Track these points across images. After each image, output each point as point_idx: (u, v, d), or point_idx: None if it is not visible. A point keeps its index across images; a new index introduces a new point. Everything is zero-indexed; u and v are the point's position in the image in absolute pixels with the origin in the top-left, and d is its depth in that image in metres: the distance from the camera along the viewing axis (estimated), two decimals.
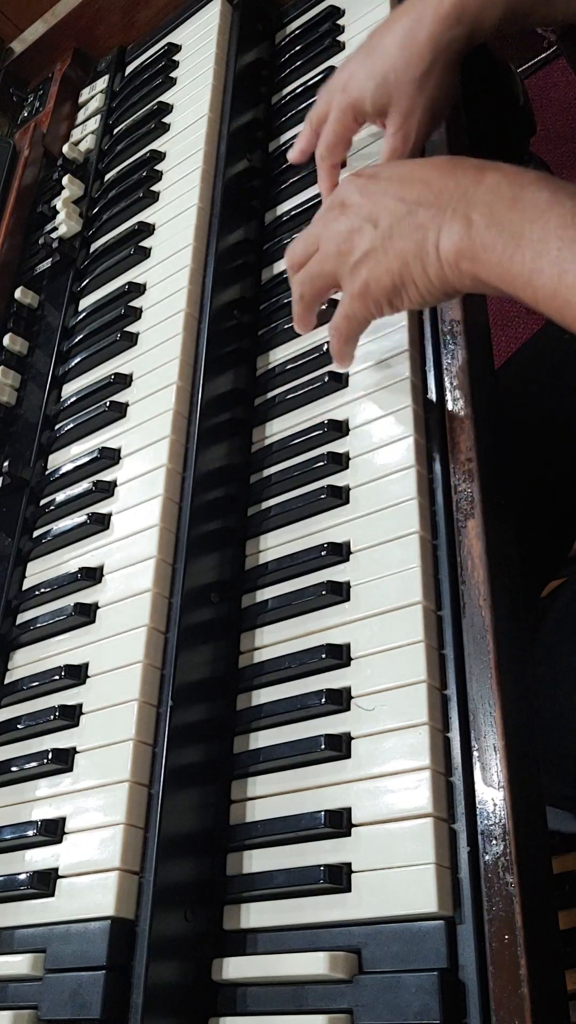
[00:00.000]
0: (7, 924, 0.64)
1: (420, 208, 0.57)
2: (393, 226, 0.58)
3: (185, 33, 1.06)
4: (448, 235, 0.55)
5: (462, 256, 0.55)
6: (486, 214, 0.54)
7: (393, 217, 0.58)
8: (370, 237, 0.60)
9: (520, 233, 0.52)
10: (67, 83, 1.18)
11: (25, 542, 0.84)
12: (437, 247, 0.56)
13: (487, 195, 0.54)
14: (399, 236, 0.58)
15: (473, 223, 0.54)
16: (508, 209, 0.53)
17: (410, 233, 0.57)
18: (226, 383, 0.79)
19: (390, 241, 0.58)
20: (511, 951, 0.48)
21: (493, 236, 0.53)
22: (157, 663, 0.66)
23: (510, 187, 0.54)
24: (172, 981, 0.57)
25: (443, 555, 0.61)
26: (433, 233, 0.56)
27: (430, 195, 0.57)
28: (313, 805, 0.58)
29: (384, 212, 0.59)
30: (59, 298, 0.98)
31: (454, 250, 0.55)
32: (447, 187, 0.56)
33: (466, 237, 0.54)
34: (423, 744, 0.55)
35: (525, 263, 0.51)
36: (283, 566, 0.68)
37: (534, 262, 0.51)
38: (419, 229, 0.57)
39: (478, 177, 0.55)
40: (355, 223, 0.61)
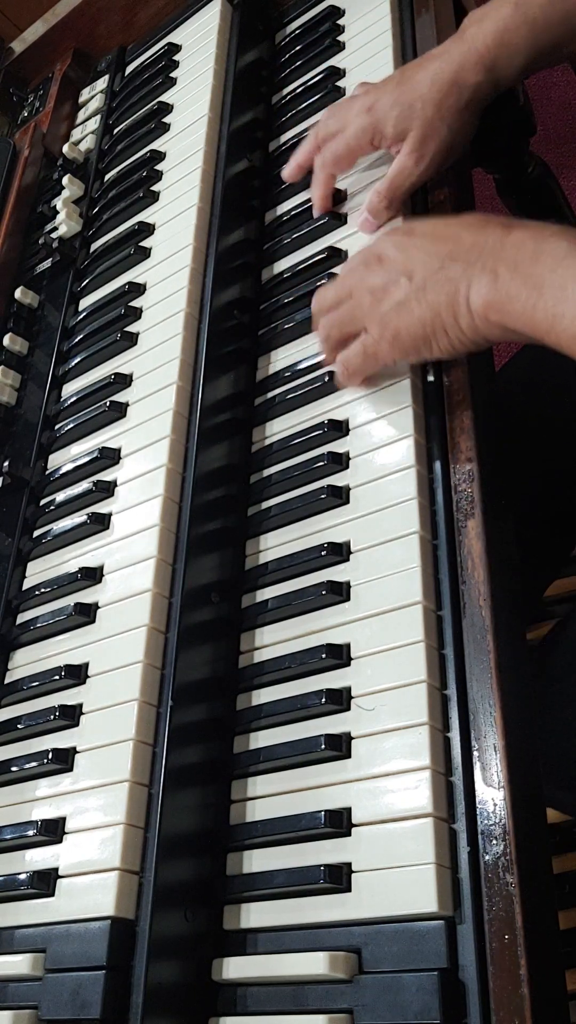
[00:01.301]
0: (7, 924, 0.64)
1: (452, 263, 0.61)
2: (427, 279, 0.62)
3: (185, 33, 1.06)
4: (477, 288, 0.59)
5: (490, 308, 0.58)
6: (511, 267, 0.57)
7: (427, 271, 0.62)
8: (405, 289, 0.63)
9: (542, 283, 0.55)
10: (67, 83, 1.18)
11: (25, 542, 0.84)
12: (468, 299, 0.59)
13: (512, 250, 0.58)
14: (432, 289, 0.61)
15: (499, 276, 0.58)
16: (531, 261, 0.56)
17: (442, 286, 0.61)
18: (226, 383, 0.79)
19: (423, 293, 0.62)
20: (511, 951, 0.48)
21: (518, 287, 0.56)
22: (157, 663, 0.66)
23: (533, 241, 0.57)
24: (172, 981, 0.57)
25: (443, 555, 0.61)
26: (464, 286, 0.60)
27: (461, 251, 0.61)
28: (313, 805, 0.58)
29: (419, 266, 0.63)
30: (59, 298, 0.98)
31: (483, 302, 0.59)
32: (476, 243, 0.60)
33: (493, 290, 0.58)
34: (423, 744, 0.55)
35: (548, 309, 0.55)
36: (283, 566, 0.68)
37: (555, 307, 0.54)
38: (451, 282, 0.60)
39: (504, 234, 0.59)
40: (392, 276, 0.64)
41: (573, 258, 0.55)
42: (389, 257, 0.65)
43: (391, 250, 0.65)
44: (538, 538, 0.89)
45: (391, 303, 0.64)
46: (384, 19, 0.89)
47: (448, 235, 0.62)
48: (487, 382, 0.68)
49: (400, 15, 0.89)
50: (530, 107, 0.92)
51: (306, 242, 0.84)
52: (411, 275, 0.63)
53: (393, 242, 0.66)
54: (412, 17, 0.88)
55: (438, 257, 0.61)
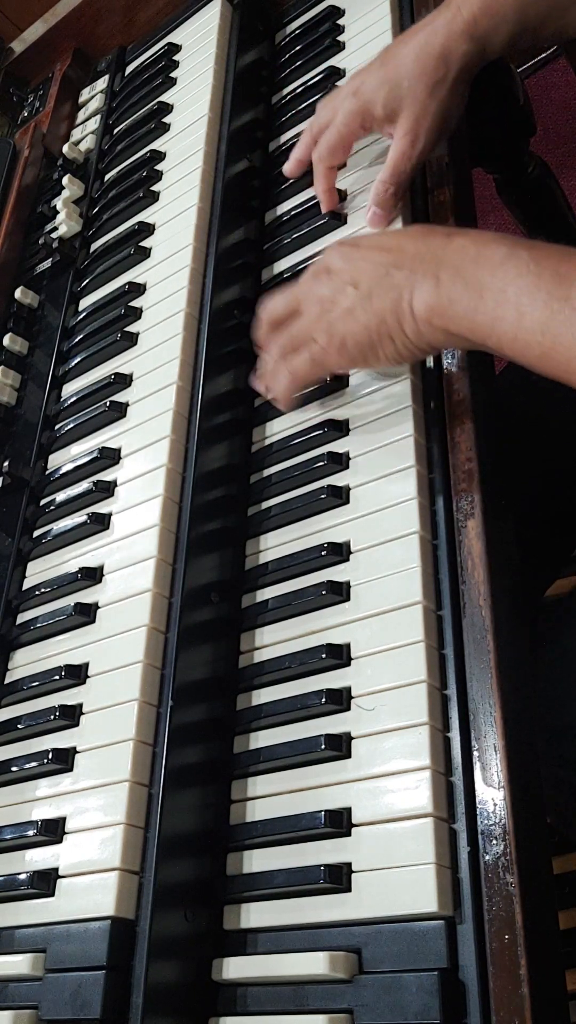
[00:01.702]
0: (7, 924, 0.64)
1: (396, 270, 0.62)
2: (372, 287, 0.63)
3: (185, 33, 1.06)
4: (420, 293, 0.60)
5: (433, 312, 0.60)
6: (452, 272, 0.59)
7: (372, 279, 0.63)
8: (351, 297, 0.64)
9: (482, 285, 0.56)
10: (67, 83, 1.18)
11: (25, 542, 0.84)
12: (411, 305, 0.61)
13: (454, 255, 0.59)
14: (377, 296, 0.62)
15: (441, 281, 0.59)
16: (472, 265, 0.58)
17: (387, 293, 0.62)
18: (226, 383, 0.79)
19: (369, 301, 0.63)
20: (511, 951, 0.48)
21: (459, 290, 0.58)
22: (157, 663, 0.66)
23: (474, 247, 0.58)
24: (172, 981, 0.57)
25: (443, 555, 0.61)
26: (407, 292, 0.61)
27: (405, 259, 0.62)
28: (313, 805, 0.58)
29: (364, 275, 0.64)
30: (59, 298, 0.98)
31: (425, 307, 0.60)
32: (419, 251, 0.62)
33: (435, 294, 0.59)
34: (423, 744, 0.55)
35: (488, 311, 0.56)
36: (283, 566, 0.68)
37: (495, 310, 0.56)
38: (395, 289, 0.62)
39: (446, 241, 0.60)
40: (338, 285, 0.65)
41: (512, 262, 0.56)
42: (336, 268, 0.66)
43: (338, 262, 0.66)
44: (538, 538, 0.89)
45: (338, 311, 0.65)
46: (384, 19, 0.89)
47: (392, 245, 0.64)
48: (487, 382, 0.68)
49: (400, 15, 0.89)
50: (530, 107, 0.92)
51: (306, 242, 0.84)
52: (357, 284, 0.64)
53: (340, 254, 0.67)
54: (412, 17, 0.88)
55: (383, 266, 0.63)
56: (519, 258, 0.56)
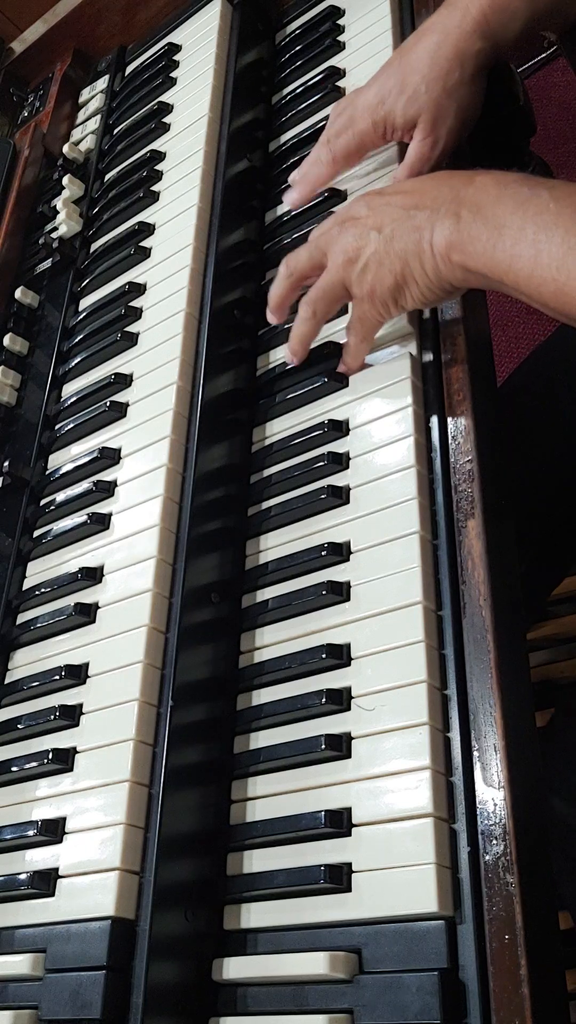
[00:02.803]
0: (7, 924, 0.64)
1: (417, 211, 0.63)
2: (395, 230, 0.64)
3: (185, 33, 1.06)
4: (440, 231, 0.61)
5: (452, 248, 0.60)
6: (473, 210, 0.59)
7: (395, 223, 0.64)
8: (375, 242, 0.65)
9: (502, 223, 0.57)
10: (67, 83, 1.18)
11: (25, 542, 0.84)
12: (431, 243, 0.61)
13: (475, 194, 0.60)
14: (399, 238, 0.63)
15: (462, 218, 0.60)
16: (493, 204, 0.58)
17: (409, 234, 0.63)
18: (226, 383, 0.79)
19: (391, 244, 0.64)
20: (511, 951, 0.48)
21: (479, 227, 0.58)
22: (157, 663, 0.66)
23: (495, 186, 0.59)
24: (172, 981, 0.57)
25: (443, 555, 0.61)
26: (428, 232, 0.61)
27: (426, 199, 0.63)
28: (313, 805, 0.58)
29: (387, 220, 0.64)
30: (59, 298, 0.98)
31: (445, 243, 0.60)
32: (441, 191, 0.62)
33: (455, 231, 0.60)
34: (423, 744, 0.55)
35: (506, 249, 0.57)
36: (283, 566, 0.68)
37: (514, 247, 0.56)
38: (416, 230, 0.62)
39: (468, 180, 0.61)
40: (362, 232, 0.66)
41: (533, 202, 0.56)
42: (360, 215, 0.66)
43: (362, 209, 0.67)
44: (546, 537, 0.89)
45: (365, 258, 0.65)
46: (384, 19, 0.89)
47: (414, 188, 0.64)
48: (488, 382, 0.68)
49: (400, 15, 0.89)
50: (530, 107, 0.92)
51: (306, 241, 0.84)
52: (380, 228, 0.64)
53: (364, 201, 0.67)
54: (412, 17, 0.88)
55: (405, 208, 0.63)
56: (539, 197, 0.56)
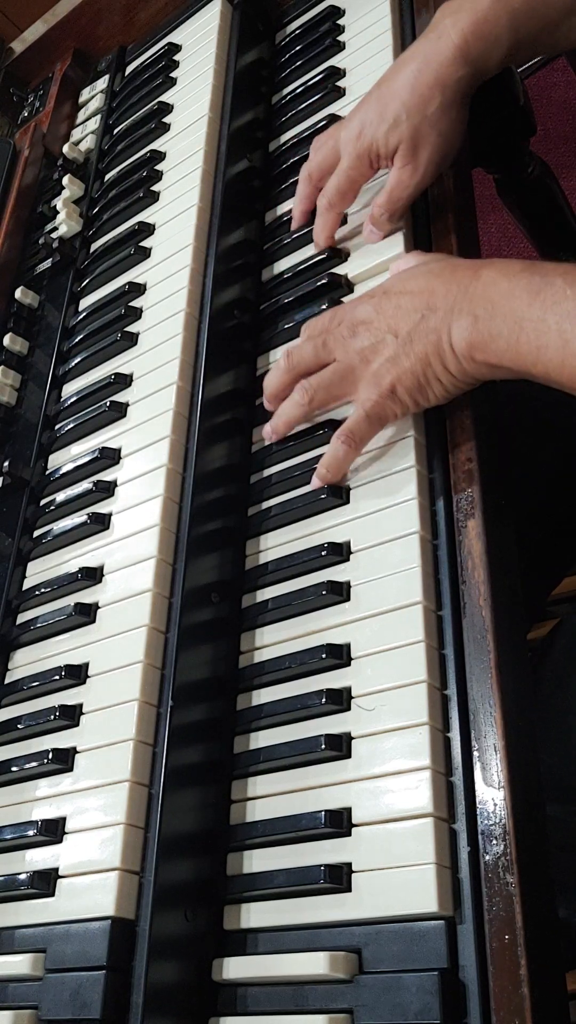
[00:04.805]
0: (7, 924, 0.64)
1: (431, 313, 0.62)
2: (412, 333, 0.63)
3: (185, 33, 1.06)
4: (458, 332, 0.60)
5: (474, 348, 0.60)
6: (488, 308, 0.59)
7: (410, 326, 0.63)
8: (393, 345, 0.64)
9: (521, 317, 0.57)
10: (67, 83, 1.18)
11: (25, 542, 0.84)
12: (451, 344, 0.61)
13: (486, 290, 0.59)
14: (417, 340, 0.63)
15: (478, 318, 0.59)
16: (506, 300, 0.58)
17: (426, 335, 0.62)
18: (226, 383, 0.79)
19: (410, 346, 0.63)
20: (511, 951, 0.48)
21: (498, 325, 0.58)
22: (157, 663, 0.66)
23: (505, 279, 0.59)
24: (172, 981, 0.57)
25: (443, 555, 0.61)
26: (445, 333, 0.61)
27: (437, 300, 0.62)
28: (313, 805, 0.58)
29: (402, 323, 0.64)
30: (59, 298, 0.98)
31: (466, 344, 0.60)
32: (450, 290, 0.62)
33: (474, 331, 0.59)
34: (423, 744, 0.55)
35: (531, 342, 0.56)
36: (283, 566, 0.68)
37: (538, 339, 0.56)
38: (433, 331, 0.62)
39: (474, 277, 0.61)
40: (378, 336, 0.65)
41: (548, 291, 0.56)
42: (370, 320, 0.66)
43: (371, 312, 0.66)
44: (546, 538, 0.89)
45: (381, 360, 0.64)
46: (384, 19, 0.89)
47: (422, 288, 0.63)
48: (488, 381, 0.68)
49: (400, 15, 0.89)
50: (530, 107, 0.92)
51: (306, 242, 0.84)
52: (396, 332, 0.64)
53: (371, 304, 0.66)
54: (412, 17, 0.88)
55: (416, 311, 0.63)
56: (553, 285, 0.56)
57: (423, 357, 0.62)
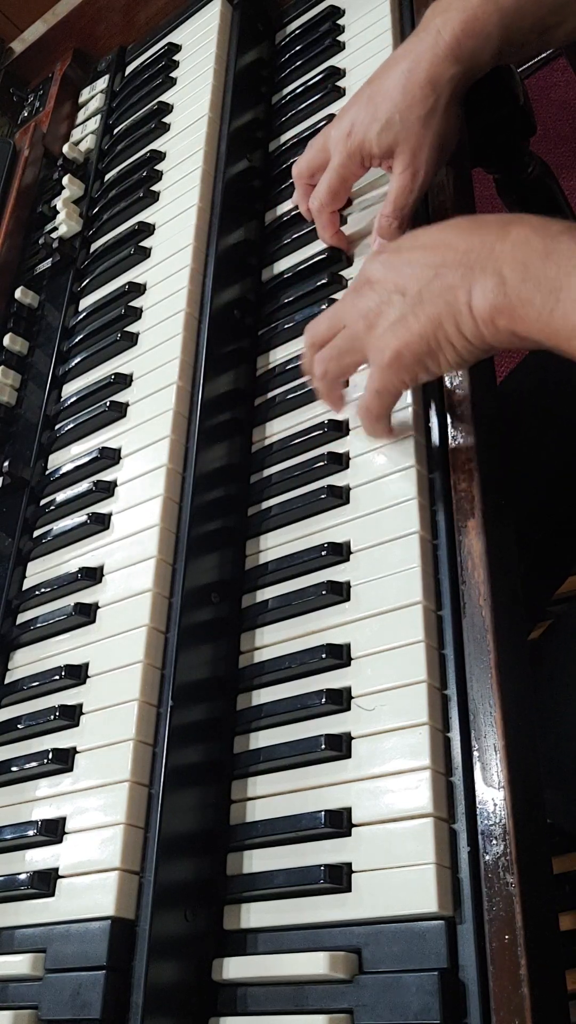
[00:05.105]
0: (7, 924, 0.64)
1: (447, 269, 0.56)
2: (422, 291, 0.57)
3: (185, 33, 1.06)
4: (481, 293, 0.54)
5: (498, 313, 0.54)
6: (519, 268, 0.52)
7: (421, 283, 0.57)
8: (399, 306, 0.58)
9: (559, 286, 0.51)
10: (67, 83, 1.18)
11: (25, 542, 0.84)
12: (470, 306, 0.55)
13: (517, 249, 0.53)
14: (429, 300, 0.57)
15: (506, 279, 0.53)
16: (542, 262, 0.52)
17: (440, 295, 0.56)
18: (226, 383, 0.79)
19: (420, 306, 0.57)
20: (511, 951, 0.48)
21: (530, 290, 0.52)
22: (157, 663, 0.66)
23: (540, 239, 0.52)
24: (172, 981, 0.57)
25: (443, 555, 0.61)
26: (464, 292, 0.55)
27: (456, 256, 0.56)
28: (313, 805, 0.58)
29: (411, 280, 0.58)
30: (59, 298, 0.98)
31: (488, 307, 0.54)
32: (472, 246, 0.55)
33: (500, 293, 0.53)
34: (423, 744, 0.55)
35: (568, 316, 0.50)
36: (283, 566, 0.68)
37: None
38: (449, 290, 0.56)
39: (503, 232, 0.54)
40: (383, 296, 0.60)
41: None
42: (377, 278, 0.61)
43: (379, 270, 0.61)
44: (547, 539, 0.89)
45: (386, 323, 0.59)
46: (384, 19, 0.89)
47: (439, 243, 0.58)
48: (488, 381, 0.68)
49: (400, 15, 0.89)
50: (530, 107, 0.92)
51: (306, 242, 0.84)
52: (404, 290, 0.58)
53: (381, 261, 0.61)
54: (412, 17, 0.88)
55: (431, 267, 0.57)
56: None
57: (434, 318, 0.56)
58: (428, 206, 0.77)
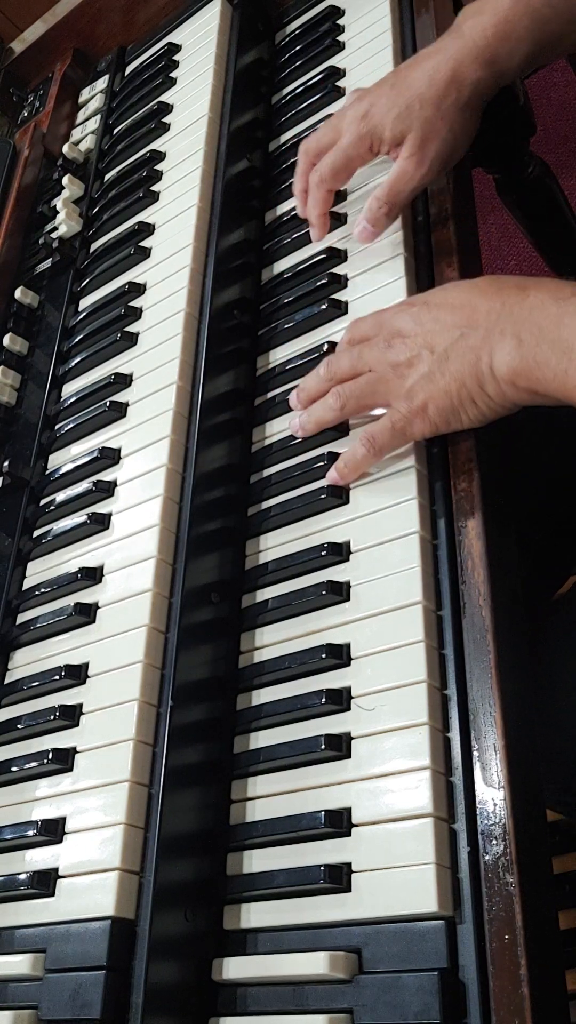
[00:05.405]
0: (7, 924, 0.64)
1: (471, 331, 0.60)
2: (448, 350, 0.61)
3: (185, 33, 1.06)
4: (501, 355, 0.58)
5: (517, 375, 0.57)
6: (535, 332, 0.56)
7: (448, 341, 0.61)
8: (428, 361, 0.62)
9: (571, 347, 0.54)
10: (67, 83, 1.18)
11: (25, 542, 0.84)
12: (491, 367, 0.58)
13: (533, 313, 0.57)
14: (454, 359, 0.60)
15: (524, 342, 0.57)
16: (555, 326, 0.55)
17: (464, 355, 0.60)
18: (226, 383, 0.79)
19: (447, 364, 0.61)
20: (511, 951, 0.48)
21: (546, 352, 0.55)
22: (157, 663, 0.66)
23: (555, 303, 0.56)
24: (172, 981, 0.57)
25: (443, 555, 0.61)
26: (486, 354, 0.59)
27: (479, 318, 0.60)
28: (313, 805, 0.58)
29: (439, 338, 0.62)
30: (59, 298, 0.98)
31: (508, 369, 0.57)
32: (493, 308, 0.59)
33: (518, 356, 0.57)
34: (423, 744, 0.55)
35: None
36: (283, 566, 0.68)
37: None
38: (472, 351, 0.59)
39: (521, 297, 0.58)
40: (414, 350, 0.63)
41: None
42: (408, 331, 0.64)
43: (409, 324, 0.64)
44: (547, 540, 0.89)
45: (416, 376, 0.62)
46: (384, 19, 0.89)
47: (464, 303, 0.61)
48: None
49: (400, 15, 0.89)
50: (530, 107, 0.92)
51: (306, 242, 0.84)
52: (432, 348, 0.62)
53: (410, 316, 0.64)
54: (412, 17, 0.88)
55: (457, 327, 0.61)
56: None
57: (459, 377, 0.60)
58: (428, 207, 0.77)
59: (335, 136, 0.76)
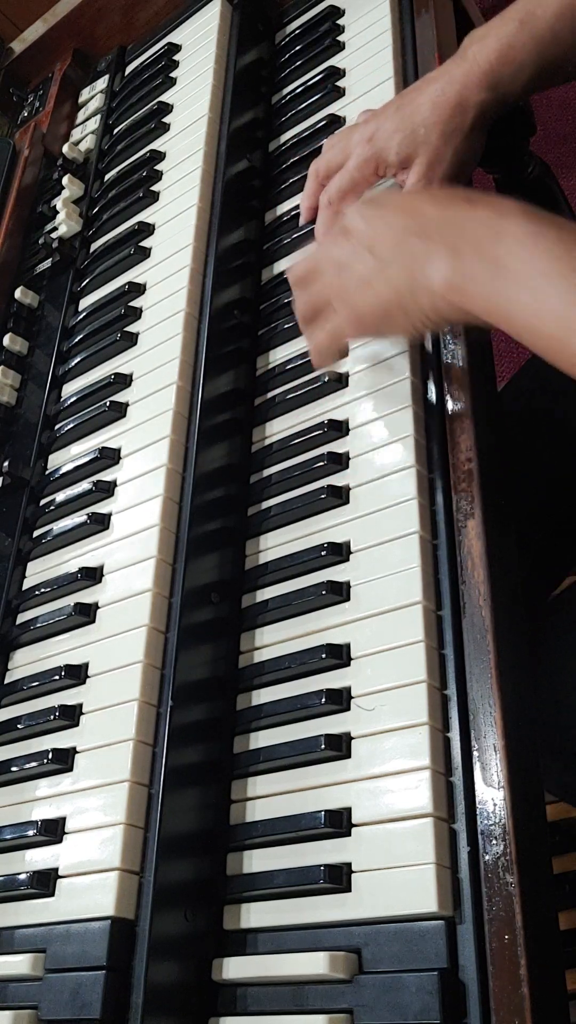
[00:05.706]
0: (7, 924, 0.64)
1: (414, 237, 0.59)
2: (389, 254, 0.60)
3: (185, 33, 1.06)
4: (436, 266, 0.57)
5: (449, 288, 0.56)
6: (472, 246, 0.55)
7: (389, 245, 0.60)
8: (367, 264, 0.61)
9: (501, 264, 0.53)
10: (67, 83, 1.18)
11: (25, 542, 0.84)
12: (428, 278, 0.57)
13: (476, 228, 0.55)
14: (393, 264, 0.59)
15: (461, 255, 0.55)
16: (493, 242, 0.54)
17: (403, 262, 0.59)
18: (226, 383, 0.79)
19: (385, 270, 0.60)
20: (511, 951, 0.48)
21: (477, 267, 0.54)
22: (157, 663, 0.66)
23: (497, 218, 0.55)
24: (172, 981, 0.57)
25: (443, 555, 0.61)
26: (423, 263, 0.57)
27: (424, 224, 0.59)
28: (313, 805, 0.58)
29: (381, 240, 0.61)
30: (59, 298, 0.98)
31: (442, 281, 0.56)
32: (440, 217, 0.58)
33: (452, 268, 0.56)
34: (423, 744, 0.55)
35: (503, 293, 0.53)
36: (283, 566, 0.68)
37: (510, 292, 0.52)
38: (411, 258, 0.58)
39: (469, 210, 0.57)
40: (355, 249, 0.62)
41: (536, 241, 0.52)
42: (354, 229, 0.63)
43: (358, 222, 0.63)
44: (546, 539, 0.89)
45: (354, 279, 0.62)
46: (384, 19, 0.89)
47: (413, 207, 0.61)
48: (488, 381, 0.68)
49: (400, 15, 0.89)
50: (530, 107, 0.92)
51: (306, 242, 0.84)
52: (373, 249, 0.61)
53: (360, 213, 0.64)
54: (412, 17, 0.88)
55: (402, 230, 0.59)
56: (544, 237, 0.52)
57: (395, 285, 0.59)
58: None
59: (343, 158, 0.77)
